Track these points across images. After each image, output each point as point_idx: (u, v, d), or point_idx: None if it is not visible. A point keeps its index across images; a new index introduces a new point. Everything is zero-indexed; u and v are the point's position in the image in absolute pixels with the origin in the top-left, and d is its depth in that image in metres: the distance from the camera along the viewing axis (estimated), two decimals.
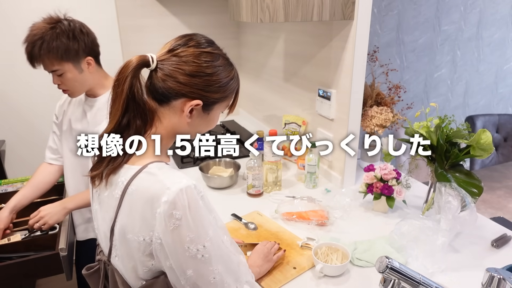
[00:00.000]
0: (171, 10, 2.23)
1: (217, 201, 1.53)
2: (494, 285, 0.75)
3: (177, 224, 0.73)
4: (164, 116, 0.84)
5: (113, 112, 0.81)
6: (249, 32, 2.32)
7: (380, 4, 2.70)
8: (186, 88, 0.80)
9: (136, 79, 0.79)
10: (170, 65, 0.79)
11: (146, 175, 0.78)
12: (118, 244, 0.82)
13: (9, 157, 2.19)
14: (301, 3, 1.29)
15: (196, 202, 0.75)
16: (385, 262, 0.72)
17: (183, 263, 0.75)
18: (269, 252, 1.10)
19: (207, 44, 0.84)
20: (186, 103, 0.81)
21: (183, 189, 0.74)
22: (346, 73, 1.45)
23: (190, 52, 0.80)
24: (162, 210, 0.73)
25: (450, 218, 1.12)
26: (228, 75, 0.85)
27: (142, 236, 0.77)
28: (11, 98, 2.10)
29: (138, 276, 0.83)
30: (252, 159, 1.48)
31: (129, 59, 0.79)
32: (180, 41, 0.82)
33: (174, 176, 0.77)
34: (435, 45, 3.04)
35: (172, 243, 0.74)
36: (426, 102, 3.21)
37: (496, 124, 2.73)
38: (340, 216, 1.37)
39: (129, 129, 0.81)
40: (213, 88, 0.82)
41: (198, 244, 0.75)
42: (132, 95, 0.79)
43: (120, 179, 0.80)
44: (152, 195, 0.75)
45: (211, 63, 0.81)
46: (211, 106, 0.86)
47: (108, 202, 0.83)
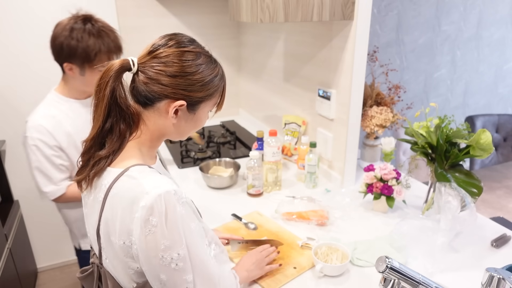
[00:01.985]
0: (171, 10, 2.23)
1: (217, 201, 1.53)
2: (494, 285, 0.75)
3: (152, 230, 0.72)
4: (149, 118, 0.83)
5: (95, 117, 0.81)
6: (249, 32, 2.32)
7: (380, 4, 2.70)
8: (168, 89, 0.79)
9: (118, 83, 0.79)
10: (151, 68, 0.78)
11: (127, 178, 0.77)
12: (106, 247, 0.82)
13: (9, 157, 2.19)
14: (301, 3, 1.30)
15: (173, 208, 0.74)
16: (385, 262, 0.72)
17: (157, 269, 0.75)
18: (262, 259, 1.07)
19: (188, 42, 0.82)
20: (170, 104, 0.80)
21: (162, 195, 0.73)
22: (346, 73, 1.45)
23: (170, 52, 0.79)
24: (140, 215, 0.72)
25: (450, 218, 1.12)
26: (212, 73, 0.83)
27: (122, 240, 0.76)
28: (11, 98, 2.10)
29: (129, 278, 0.83)
30: (252, 159, 1.48)
31: (110, 63, 0.79)
32: (160, 41, 0.81)
33: (154, 181, 0.76)
34: (435, 45, 3.05)
35: (146, 249, 0.74)
36: (426, 102, 3.21)
37: (495, 124, 2.73)
38: (340, 216, 1.37)
39: (112, 133, 0.81)
40: (196, 87, 0.81)
41: (173, 252, 0.74)
42: (114, 99, 0.79)
43: (103, 182, 0.80)
44: (131, 199, 0.74)
45: (193, 62, 0.80)
46: (196, 106, 0.84)
47: (93, 205, 0.84)
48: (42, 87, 2.14)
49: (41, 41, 2.06)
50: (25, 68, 2.08)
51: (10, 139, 2.16)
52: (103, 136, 0.82)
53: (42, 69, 2.11)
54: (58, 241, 2.46)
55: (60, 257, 2.52)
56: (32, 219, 2.35)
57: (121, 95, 0.80)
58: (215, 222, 1.35)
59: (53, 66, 2.11)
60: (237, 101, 2.63)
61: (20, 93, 2.10)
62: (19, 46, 2.04)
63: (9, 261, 1.90)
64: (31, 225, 2.35)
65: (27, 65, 2.08)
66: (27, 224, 2.34)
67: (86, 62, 1.24)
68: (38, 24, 2.02)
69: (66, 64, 1.26)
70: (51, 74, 2.13)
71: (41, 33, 2.05)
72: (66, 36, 1.21)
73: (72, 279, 2.42)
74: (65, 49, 1.22)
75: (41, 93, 2.15)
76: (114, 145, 0.81)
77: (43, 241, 2.43)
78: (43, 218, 2.37)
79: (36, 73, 2.11)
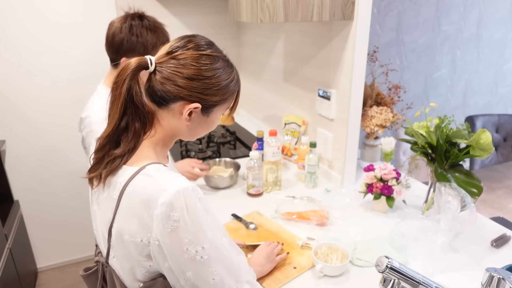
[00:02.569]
0: (171, 10, 2.23)
1: (217, 201, 1.53)
2: (494, 285, 0.75)
3: (175, 226, 0.73)
4: (163, 118, 0.84)
5: (111, 114, 0.81)
6: (249, 32, 2.32)
7: (380, 4, 2.70)
8: (185, 91, 0.79)
9: (135, 81, 0.79)
10: (169, 68, 0.79)
11: (144, 176, 0.77)
12: (116, 245, 0.82)
13: (9, 157, 2.19)
14: (301, 3, 1.30)
15: (193, 203, 0.75)
16: (385, 262, 0.72)
17: (182, 264, 0.75)
18: (272, 252, 1.11)
19: (207, 46, 0.82)
20: (184, 106, 0.81)
21: (180, 191, 0.73)
22: (346, 73, 1.45)
23: (189, 55, 0.79)
24: (160, 212, 0.73)
25: (450, 218, 1.12)
26: (228, 78, 0.84)
27: (140, 237, 0.77)
28: (12, 98, 2.10)
29: (135, 278, 0.83)
30: (252, 159, 1.48)
31: (127, 61, 0.79)
32: (179, 43, 0.81)
33: (171, 178, 0.77)
34: (435, 45, 3.05)
35: (170, 244, 0.74)
36: (426, 102, 3.21)
37: (495, 124, 2.73)
38: (340, 216, 1.37)
39: (127, 132, 0.81)
40: (212, 91, 0.81)
41: (197, 245, 0.74)
42: (131, 97, 0.79)
43: (118, 180, 0.80)
44: (149, 197, 0.75)
45: (210, 66, 0.80)
46: (211, 109, 0.85)
47: (106, 203, 0.83)
48: (43, 87, 2.14)
49: (43, 41, 2.06)
50: (25, 68, 2.08)
51: (10, 139, 2.16)
52: (119, 134, 0.82)
53: (42, 69, 2.11)
54: (58, 241, 2.46)
55: (60, 257, 2.52)
56: (32, 219, 2.35)
57: (137, 93, 0.80)
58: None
59: (54, 67, 2.13)
60: None
61: (21, 93, 2.11)
62: (20, 46, 2.04)
63: (9, 261, 1.90)
64: (31, 225, 2.35)
65: (27, 65, 2.08)
66: (27, 224, 2.34)
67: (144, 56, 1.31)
68: (41, 23, 2.03)
69: (124, 59, 1.30)
70: (51, 74, 2.14)
71: (43, 33, 2.05)
72: (127, 33, 1.28)
73: (72, 279, 2.43)
74: (125, 44, 1.29)
75: (42, 93, 2.16)
76: (130, 143, 0.81)
77: (43, 241, 2.43)
78: (43, 218, 2.37)
79: (37, 73, 2.11)
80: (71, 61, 2.14)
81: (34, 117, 2.18)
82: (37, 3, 1.99)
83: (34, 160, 2.25)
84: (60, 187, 2.34)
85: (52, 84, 2.16)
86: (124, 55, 1.30)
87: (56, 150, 2.27)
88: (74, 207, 2.41)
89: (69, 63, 2.14)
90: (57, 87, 2.16)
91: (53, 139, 2.25)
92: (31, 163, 2.25)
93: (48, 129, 2.22)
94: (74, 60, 2.15)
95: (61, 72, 2.15)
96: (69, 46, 2.11)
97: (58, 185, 2.33)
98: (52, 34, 2.07)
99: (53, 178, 2.31)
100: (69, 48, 2.12)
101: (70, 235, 2.47)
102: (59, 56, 2.12)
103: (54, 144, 2.26)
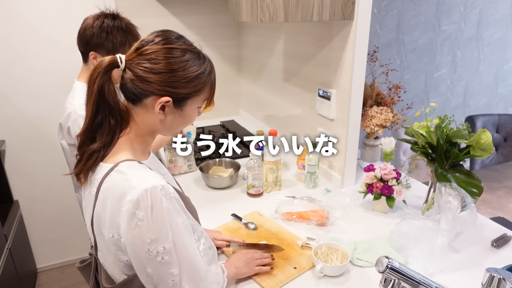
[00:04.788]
0: (171, 11, 2.23)
1: (217, 201, 1.53)
2: (494, 285, 0.75)
3: (139, 224, 0.74)
4: (138, 115, 0.85)
5: (87, 111, 0.83)
6: (249, 32, 2.32)
7: (380, 4, 2.70)
8: (154, 85, 0.80)
9: (106, 79, 0.80)
10: (137, 65, 0.80)
11: (116, 173, 0.79)
12: (98, 240, 0.85)
13: (9, 157, 2.19)
14: (301, 3, 1.29)
15: (160, 203, 0.75)
16: (385, 262, 0.72)
17: (144, 262, 0.77)
18: (252, 259, 1.08)
19: (175, 39, 0.83)
20: (155, 100, 0.82)
21: (148, 190, 0.74)
22: (346, 73, 1.45)
23: (154, 50, 0.80)
24: (126, 208, 0.74)
25: (450, 218, 1.12)
26: (198, 70, 0.83)
27: (112, 233, 0.79)
28: (11, 98, 2.10)
29: (120, 270, 0.84)
30: (252, 159, 1.48)
31: (100, 60, 0.81)
32: (148, 37, 0.83)
33: (142, 176, 0.78)
34: (435, 45, 3.04)
35: (132, 243, 0.76)
36: (426, 102, 3.21)
37: (496, 124, 2.73)
38: (340, 216, 1.37)
39: (102, 128, 0.83)
40: (181, 83, 0.82)
41: (158, 245, 0.75)
42: (102, 95, 0.80)
43: (96, 177, 0.82)
44: (119, 193, 0.76)
45: (177, 59, 0.81)
46: (183, 102, 0.85)
47: (88, 199, 0.86)
48: (42, 87, 2.14)
49: (43, 41, 2.06)
50: (25, 68, 2.08)
51: (10, 139, 2.16)
52: (94, 131, 0.83)
53: (43, 69, 2.11)
54: (58, 241, 2.46)
55: (60, 257, 2.52)
56: (32, 219, 2.35)
57: (109, 92, 0.81)
58: (215, 222, 1.35)
59: (53, 67, 2.12)
60: (237, 101, 2.62)
61: (21, 93, 2.10)
62: (20, 46, 2.04)
63: (8, 261, 1.90)
64: (31, 225, 2.35)
65: (28, 66, 2.08)
66: (27, 224, 2.34)
67: (111, 54, 1.33)
68: (41, 24, 2.03)
69: (92, 53, 1.34)
70: (51, 74, 2.14)
71: (43, 33, 2.05)
72: (97, 29, 1.32)
73: (72, 279, 2.42)
74: (95, 39, 1.32)
75: (41, 93, 2.16)
76: (105, 138, 0.83)
77: (43, 241, 2.43)
78: (43, 218, 2.37)
79: (37, 73, 2.11)
80: (72, 61, 2.13)
81: (34, 117, 2.18)
82: (37, 4, 1.99)
83: (34, 160, 2.25)
84: (60, 187, 2.34)
85: (52, 84, 2.16)
86: (93, 49, 1.34)
87: (56, 150, 2.27)
88: (74, 207, 2.41)
89: (70, 63, 2.14)
90: (57, 87, 2.16)
91: (53, 139, 2.25)
92: (31, 163, 2.24)
93: (48, 129, 2.22)
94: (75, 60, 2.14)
95: (61, 72, 2.15)
96: (69, 46, 2.11)
97: (58, 185, 2.33)
98: (52, 34, 2.07)
99: (53, 178, 2.31)
100: (69, 48, 2.11)
101: (70, 235, 2.47)
102: (59, 56, 2.12)
103: (54, 144, 2.25)
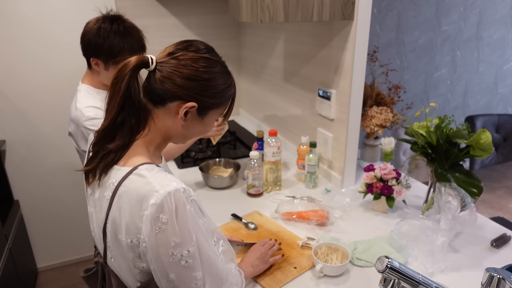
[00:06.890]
0: (171, 11, 2.23)
1: (217, 201, 1.53)
2: (494, 285, 0.75)
3: (163, 228, 0.73)
4: (159, 117, 0.85)
5: (109, 109, 0.82)
6: (249, 32, 2.32)
7: (380, 4, 2.71)
8: (183, 90, 0.81)
9: (134, 78, 0.80)
10: (169, 67, 0.80)
11: (136, 176, 0.78)
12: (112, 246, 0.83)
13: (9, 157, 2.19)
14: (301, 3, 1.30)
15: (183, 206, 0.75)
16: (385, 262, 0.72)
17: (167, 267, 0.75)
18: (266, 253, 1.10)
19: (206, 50, 0.85)
20: (181, 105, 0.82)
21: (171, 192, 0.74)
22: (346, 73, 1.45)
23: (189, 56, 0.81)
24: (149, 212, 0.73)
25: (450, 218, 1.12)
26: (225, 83, 0.86)
27: (130, 238, 0.77)
28: (11, 98, 2.10)
29: (134, 277, 0.83)
30: (252, 159, 1.48)
31: (128, 59, 0.80)
32: (180, 45, 0.83)
33: (163, 179, 0.77)
34: (435, 45, 3.05)
35: (156, 247, 0.74)
36: (426, 102, 3.21)
37: (495, 124, 2.73)
38: (340, 216, 1.37)
39: (123, 127, 0.82)
40: (210, 93, 0.83)
41: (183, 249, 0.74)
42: (129, 94, 0.80)
43: (111, 181, 0.80)
44: (141, 197, 0.75)
45: (209, 69, 0.83)
46: (206, 111, 0.86)
47: (100, 203, 0.84)
48: (42, 87, 2.14)
49: (43, 41, 2.06)
50: (25, 68, 2.08)
51: (10, 139, 2.16)
52: (115, 129, 0.83)
53: (43, 69, 2.11)
54: (58, 241, 2.46)
55: (60, 257, 2.52)
56: (32, 219, 2.35)
57: (135, 90, 0.81)
58: (215, 222, 1.35)
59: (54, 66, 2.12)
60: (237, 101, 2.60)
61: (21, 93, 2.10)
62: (21, 46, 2.04)
63: (9, 261, 1.90)
64: (31, 225, 2.35)
65: (28, 65, 2.08)
66: (27, 224, 2.34)
67: (110, 59, 1.33)
68: (42, 24, 2.02)
69: (92, 59, 1.34)
70: (51, 74, 2.14)
71: (44, 33, 2.05)
72: (94, 34, 1.30)
73: (72, 279, 2.42)
74: (92, 46, 1.31)
75: (41, 93, 2.16)
76: (124, 139, 0.82)
77: (43, 241, 2.43)
78: (43, 218, 2.37)
79: (37, 73, 2.11)
80: (72, 62, 2.14)
81: (34, 117, 2.17)
82: (37, 3, 1.99)
83: (34, 160, 2.25)
84: (60, 187, 2.34)
85: (53, 84, 2.16)
86: (92, 56, 1.33)
87: (56, 150, 2.27)
88: (74, 207, 2.41)
89: (70, 63, 2.14)
90: (57, 87, 2.16)
91: (53, 139, 2.25)
92: (31, 163, 2.24)
93: (49, 129, 2.22)
94: (75, 61, 2.15)
95: (62, 72, 2.15)
96: (69, 46, 2.11)
97: (58, 185, 2.33)
98: (52, 34, 2.07)
99: (53, 178, 2.31)
100: (69, 48, 2.12)
101: (70, 235, 2.47)
102: (59, 57, 2.12)
103: (54, 144, 2.26)
